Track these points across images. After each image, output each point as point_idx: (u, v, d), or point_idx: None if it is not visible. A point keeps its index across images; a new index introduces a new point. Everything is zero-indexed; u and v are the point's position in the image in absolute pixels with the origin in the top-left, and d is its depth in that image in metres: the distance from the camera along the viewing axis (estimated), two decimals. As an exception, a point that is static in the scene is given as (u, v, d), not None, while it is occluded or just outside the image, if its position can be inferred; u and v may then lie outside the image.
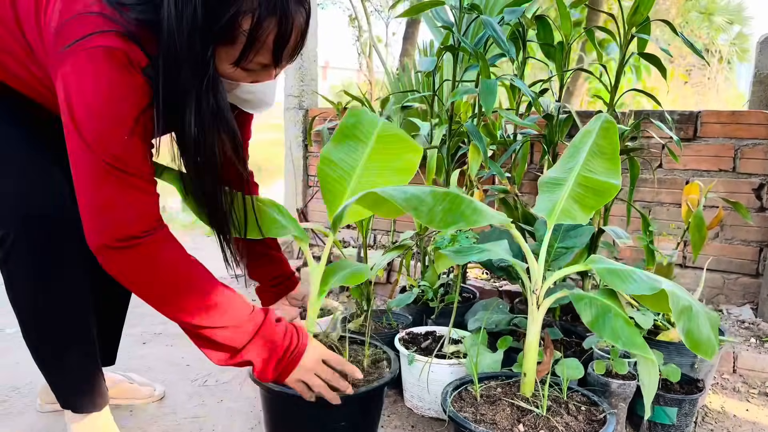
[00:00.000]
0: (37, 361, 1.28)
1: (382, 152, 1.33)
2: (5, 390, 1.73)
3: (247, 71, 1.05)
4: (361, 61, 6.65)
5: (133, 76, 0.99)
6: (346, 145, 1.33)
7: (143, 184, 1.05)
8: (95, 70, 0.97)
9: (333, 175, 1.30)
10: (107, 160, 0.99)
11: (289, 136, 3.35)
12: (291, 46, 1.03)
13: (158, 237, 1.06)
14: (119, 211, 1.02)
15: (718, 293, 2.40)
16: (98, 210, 1.02)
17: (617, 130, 1.32)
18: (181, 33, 0.95)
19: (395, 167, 1.34)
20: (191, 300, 1.07)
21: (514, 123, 1.83)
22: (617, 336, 1.06)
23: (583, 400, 1.26)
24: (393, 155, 1.34)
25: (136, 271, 1.06)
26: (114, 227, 1.02)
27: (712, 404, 1.76)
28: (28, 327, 1.23)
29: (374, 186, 1.28)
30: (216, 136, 1.06)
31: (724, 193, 2.32)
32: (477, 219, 1.11)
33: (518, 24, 1.91)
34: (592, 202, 1.26)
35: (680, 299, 1.07)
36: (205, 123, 1.04)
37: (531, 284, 1.21)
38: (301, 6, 1.01)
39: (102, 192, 1.01)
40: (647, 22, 1.62)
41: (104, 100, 0.98)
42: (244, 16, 0.96)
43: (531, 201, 2.66)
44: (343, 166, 1.31)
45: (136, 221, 1.03)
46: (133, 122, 1.00)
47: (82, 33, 0.96)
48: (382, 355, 1.45)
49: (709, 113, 2.34)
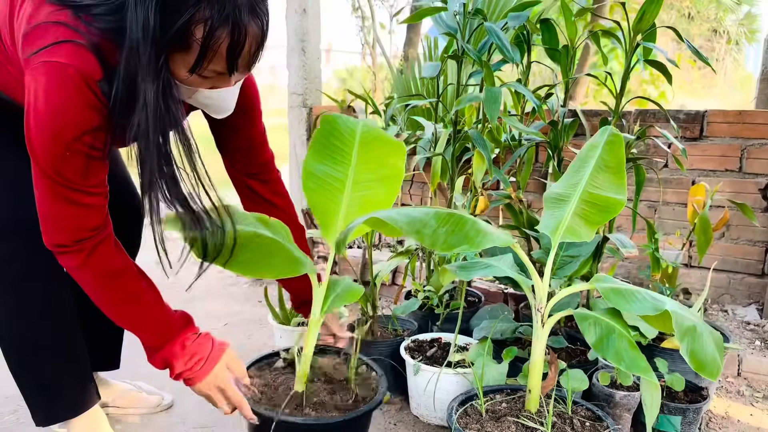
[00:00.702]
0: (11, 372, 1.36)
1: (367, 162, 1.29)
2: (16, 399, 1.74)
3: (203, 78, 1.06)
4: (364, 52, 6.62)
5: (81, 94, 1.01)
6: (328, 157, 1.29)
7: (79, 197, 1.08)
8: (46, 85, 1.00)
9: (320, 191, 1.28)
10: (47, 172, 1.05)
11: (294, 134, 3.35)
12: (246, 54, 1.04)
13: (87, 246, 1.12)
14: (54, 221, 1.10)
15: (724, 293, 2.40)
16: (41, 215, 1.10)
17: (623, 143, 1.32)
18: (139, 39, 0.97)
19: (382, 176, 1.31)
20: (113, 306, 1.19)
21: (519, 130, 1.83)
22: (621, 358, 1.07)
23: (588, 415, 1.27)
24: (378, 163, 1.30)
25: (73, 273, 1.15)
26: (50, 233, 1.11)
27: (716, 409, 1.77)
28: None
29: (366, 200, 1.29)
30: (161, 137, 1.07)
31: (729, 193, 2.31)
32: (481, 241, 1.11)
33: (522, 27, 1.89)
34: (597, 218, 1.25)
35: (684, 319, 1.07)
36: (150, 123, 1.04)
37: (536, 302, 1.21)
38: (256, 16, 1.01)
39: (43, 199, 1.09)
40: (653, 29, 1.61)
41: (49, 114, 1.01)
42: (197, 24, 0.97)
43: (536, 200, 2.65)
44: (329, 180, 1.28)
45: (66, 231, 1.10)
46: (71, 139, 1.02)
47: (41, 43, 0.99)
48: (370, 374, 1.42)
49: (716, 113, 2.32)
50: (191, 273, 1.20)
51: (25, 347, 1.32)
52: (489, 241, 1.11)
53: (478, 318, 1.81)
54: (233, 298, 2.81)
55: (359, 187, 1.29)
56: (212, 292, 2.88)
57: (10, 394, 1.77)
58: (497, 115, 1.59)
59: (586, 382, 1.46)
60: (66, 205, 1.08)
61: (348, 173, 1.29)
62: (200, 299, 2.75)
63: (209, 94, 1.13)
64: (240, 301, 2.76)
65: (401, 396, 1.79)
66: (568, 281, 1.77)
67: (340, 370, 1.40)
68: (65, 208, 1.08)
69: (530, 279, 1.24)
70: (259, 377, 1.34)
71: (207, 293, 2.85)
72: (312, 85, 3.30)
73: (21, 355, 1.33)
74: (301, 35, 3.23)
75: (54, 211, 1.09)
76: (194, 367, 1.21)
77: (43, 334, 1.32)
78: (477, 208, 1.83)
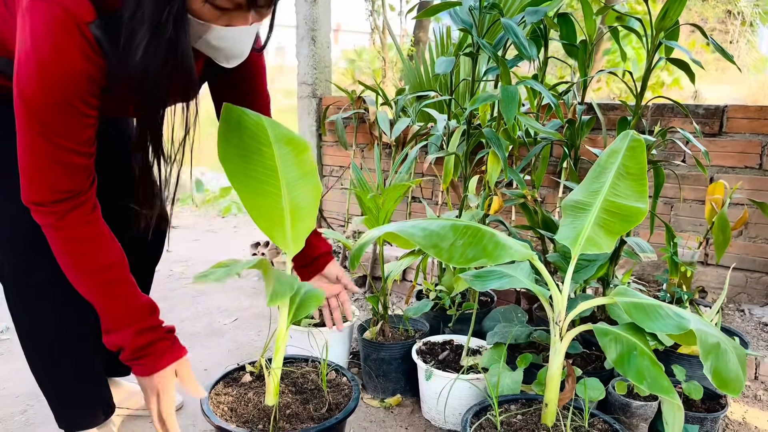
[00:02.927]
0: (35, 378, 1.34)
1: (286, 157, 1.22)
2: (26, 399, 1.74)
3: (219, 10, 0.98)
4: (374, 36, 6.53)
5: (71, 39, 0.93)
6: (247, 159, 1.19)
7: (64, 155, 1.02)
8: (32, 27, 0.92)
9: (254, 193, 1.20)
10: (32, 123, 0.98)
11: (303, 125, 3.31)
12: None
13: (61, 208, 1.05)
14: (33, 176, 1.03)
15: (740, 292, 2.36)
16: (21, 167, 1.03)
17: (645, 149, 1.27)
18: None
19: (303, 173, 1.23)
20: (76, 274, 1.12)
21: (535, 130, 1.78)
22: (642, 377, 1.04)
23: (605, 428, 1.24)
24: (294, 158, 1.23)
25: (47, 234, 1.08)
26: (27, 188, 1.04)
27: (734, 414, 1.74)
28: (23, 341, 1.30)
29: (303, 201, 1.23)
30: (166, 73, 1.00)
31: (749, 190, 2.26)
32: (499, 254, 1.08)
33: (539, 22, 1.83)
34: (617, 227, 1.22)
35: (708, 336, 1.04)
36: (159, 53, 0.97)
37: (554, 314, 1.18)
38: None
39: (25, 152, 1.01)
40: (676, 27, 1.55)
41: (36, 62, 0.94)
42: None
43: (550, 195, 2.61)
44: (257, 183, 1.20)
45: (45, 190, 1.03)
46: (60, 91, 0.96)
47: None
48: (341, 379, 1.38)
49: (736, 108, 2.26)
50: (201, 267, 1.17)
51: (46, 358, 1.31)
52: (507, 255, 1.08)
53: (490, 320, 1.78)
54: (243, 292, 2.79)
55: (293, 188, 1.23)
56: (222, 285, 2.86)
57: (20, 393, 1.78)
58: (514, 115, 1.54)
59: (602, 391, 1.43)
60: (48, 162, 1.01)
61: (278, 174, 1.21)
62: (209, 293, 2.74)
63: (222, 34, 1.02)
64: (250, 296, 2.75)
65: (413, 398, 1.77)
66: (584, 286, 1.74)
67: (310, 378, 1.37)
68: (47, 164, 1.01)
69: (548, 290, 1.21)
70: (226, 394, 1.29)
71: (217, 287, 2.83)
72: (322, 75, 3.25)
73: (45, 365, 1.32)
74: (311, 24, 3.17)
75: (35, 165, 1.01)
76: (144, 359, 1.14)
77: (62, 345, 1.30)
78: (491, 208, 1.79)
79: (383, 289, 1.80)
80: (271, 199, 1.21)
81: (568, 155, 1.88)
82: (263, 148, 1.19)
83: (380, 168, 1.85)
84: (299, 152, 1.23)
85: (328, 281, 1.54)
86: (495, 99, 1.63)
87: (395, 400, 1.76)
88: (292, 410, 1.24)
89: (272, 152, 1.20)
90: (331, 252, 1.57)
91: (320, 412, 1.24)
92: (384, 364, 1.75)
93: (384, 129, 2.84)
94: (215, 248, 3.72)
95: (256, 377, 1.37)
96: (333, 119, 3.04)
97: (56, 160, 1.02)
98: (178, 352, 1.19)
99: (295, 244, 1.25)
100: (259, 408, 1.23)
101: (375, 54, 6.98)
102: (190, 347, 2.08)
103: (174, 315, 2.41)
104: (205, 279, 0.99)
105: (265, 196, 1.21)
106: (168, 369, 1.16)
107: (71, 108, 0.99)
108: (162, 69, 0.99)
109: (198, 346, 2.12)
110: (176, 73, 1.01)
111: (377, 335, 1.80)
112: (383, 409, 1.74)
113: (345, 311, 1.55)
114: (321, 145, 3.34)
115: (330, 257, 1.55)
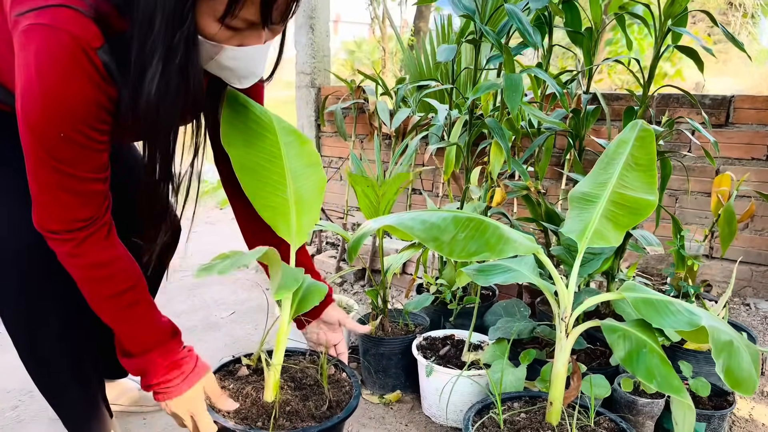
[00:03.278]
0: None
1: (291, 146, 1.23)
2: (17, 394, 1.71)
3: (232, 30, 0.94)
4: (373, 26, 6.46)
5: (78, 66, 0.88)
6: (251, 145, 1.19)
7: (75, 184, 0.97)
8: (37, 53, 0.87)
9: (261, 184, 1.18)
10: (39, 152, 0.93)
11: (302, 115, 3.26)
12: (282, 2, 0.92)
13: (78, 236, 1.01)
14: (45, 206, 0.99)
15: (746, 285, 2.32)
16: (32, 196, 0.98)
17: (654, 139, 1.23)
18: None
19: (307, 163, 1.24)
20: (96, 300, 1.07)
21: (539, 120, 1.73)
22: (652, 375, 1.00)
23: (611, 427, 1.20)
24: (298, 148, 1.23)
25: (63, 262, 1.04)
26: (39, 217, 1.00)
27: (740, 411, 1.71)
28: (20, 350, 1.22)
29: (307, 193, 1.22)
30: (179, 101, 0.96)
31: (756, 182, 2.21)
32: (503, 248, 1.04)
33: (544, 8, 1.78)
34: (626, 220, 1.17)
35: (721, 334, 1.00)
36: (172, 83, 0.93)
37: (560, 310, 1.14)
38: None
39: (35, 181, 0.96)
40: (685, 13, 1.51)
41: (41, 91, 0.88)
42: None
43: (553, 187, 2.57)
44: (261, 170, 1.19)
45: (58, 219, 0.99)
46: (68, 122, 0.91)
47: (33, 4, 0.86)
48: (340, 374, 1.33)
49: (743, 98, 2.21)
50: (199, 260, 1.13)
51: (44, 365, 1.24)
52: (512, 248, 1.04)
53: (492, 314, 1.74)
54: (240, 285, 2.75)
55: (299, 179, 1.21)
56: (219, 278, 2.82)
57: (12, 389, 1.74)
58: (518, 104, 1.49)
59: (608, 389, 1.39)
60: (59, 191, 0.96)
61: (283, 163, 1.20)
62: (207, 285, 2.70)
63: (235, 54, 0.98)
64: (247, 288, 2.71)
65: (413, 394, 1.74)
66: (588, 280, 1.70)
67: (309, 373, 1.32)
68: (58, 194, 0.97)
69: (554, 285, 1.17)
70: (223, 388, 1.23)
71: (214, 279, 2.79)
72: (320, 64, 3.19)
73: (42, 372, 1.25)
74: (309, 11, 3.12)
75: (46, 195, 0.97)
76: (171, 381, 1.10)
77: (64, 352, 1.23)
78: (493, 200, 1.75)
79: (383, 282, 1.76)
80: (275, 188, 1.20)
81: (573, 146, 1.84)
82: (268, 135, 1.19)
83: (380, 159, 1.81)
84: (302, 143, 1.24)
85: (327, 327, 1.41)
86: (498, 88, 1.59)
87: (395, 396, 1.72)
88: (292, 407, 1.19)
89: (277, 139, 1.21)
90: (332, 294, 1.40)
91: (321, 410, 1.19)
92: (383, 359, 1.71)
93: (384, 119, 2.79)
94: (213, 240, 3.68)
95: (253, 371, 1.32)
96: (332, 109, 2.99)
97: (70, 189, 0.97)
98: (203, 370, 1.16)
99: (299, 238, 1.22)
100: (257, 404, 1.19)
101: (375, 45, 6.92)
102: (186, 341, 2.06)
103: (170, 308, 2.37)
104: (209, 271, 0.95)
105: (269, 184, 1.19)
106: (196, 387, 1.13)
107: (81, 137, 0.94)
108: (175, 98, 0.95)
109: (194, 340, 2.08)
110: (187, 98, 0.97)
111: (377, 330, 1.76)
112: (383, 405, 1.70)
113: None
114: (320, 136, 3.29)
115: (329, 299, 1.39)
